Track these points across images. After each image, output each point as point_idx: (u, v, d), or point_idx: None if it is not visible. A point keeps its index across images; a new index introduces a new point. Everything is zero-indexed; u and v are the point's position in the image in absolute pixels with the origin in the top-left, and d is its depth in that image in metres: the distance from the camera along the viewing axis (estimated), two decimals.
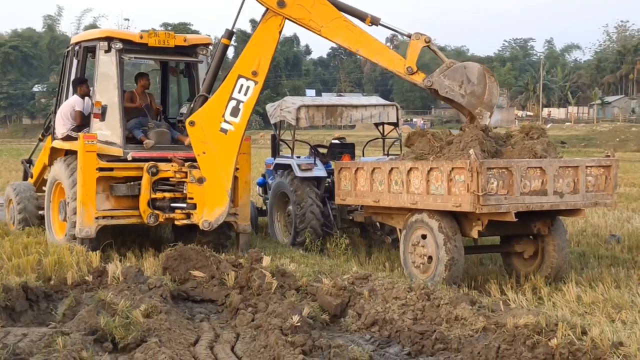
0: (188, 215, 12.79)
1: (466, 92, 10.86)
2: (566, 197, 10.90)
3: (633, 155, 56.15)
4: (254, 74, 11.35)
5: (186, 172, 12.69)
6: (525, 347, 7.44)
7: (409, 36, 11.07)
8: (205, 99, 12.13)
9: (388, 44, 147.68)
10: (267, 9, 11.47)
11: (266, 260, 10.57)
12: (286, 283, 9.99)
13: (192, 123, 11.94)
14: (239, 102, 11.54)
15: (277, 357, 7.27)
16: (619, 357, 7.15)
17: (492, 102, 10.96)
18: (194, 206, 12.65)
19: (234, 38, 12.34)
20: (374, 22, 11.08)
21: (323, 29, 10.87)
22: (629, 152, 59.89)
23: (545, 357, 7.27)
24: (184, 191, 12.81)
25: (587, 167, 11.12)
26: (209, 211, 12.38)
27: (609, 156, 11.55)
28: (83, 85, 13.91)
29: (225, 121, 11.68)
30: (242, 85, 11.47)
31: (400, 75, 11.29)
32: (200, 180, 12.40)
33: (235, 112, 11.58)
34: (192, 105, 12.44)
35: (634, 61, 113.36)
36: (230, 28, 11.79)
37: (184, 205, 12.82)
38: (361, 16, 11.00)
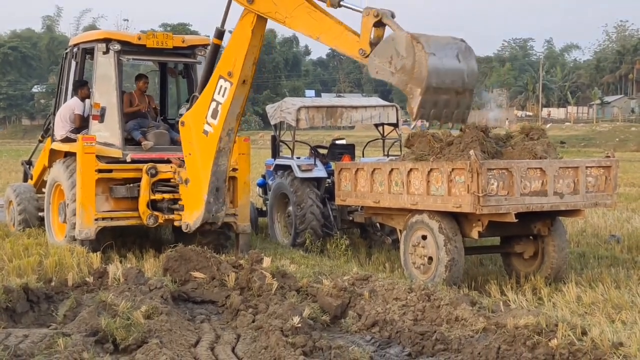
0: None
1: (396, 69, 8.89)
2: (566, 198, 10.91)
3: (633, 155, 56.16)
4: (230, 74, 10.97)
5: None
6: (526, 348, 7.45)
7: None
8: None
9: None
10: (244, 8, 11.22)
11: (266, 261, 10.56)
12: (286, 284, 9.98)
13: (182, 123, 11.88)
14: (218, 103, 11.26)
15: (277, 358, 7.27)
16: (619, 358, 7.16)
17: (422, 74, 8.68)
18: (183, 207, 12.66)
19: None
20: (333, 3, 9.79)
21: (287, 19, 10.13)
22: (629, 152, 59.90)
23: (545, 357, 7.28)
24: None
25: (587, 167, 11.14)
26: (189, 213, 12.32)
27: (609, 156, 11.56)
28: (84, 87, 13.90)
29: (207, 123, 11.46)
30: (221, 87, 11.16)
31: (357, 59, 9.75)
32: (186, 182, 12.38)
33: (214, 114, 11.30)
34: (188, 106, 12.37)
35: (634, 61, 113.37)
36: (220, 27, 11.58)
37: (177, 206, 12.83)
38: None
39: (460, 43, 9.08)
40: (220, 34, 11.50)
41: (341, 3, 9.60)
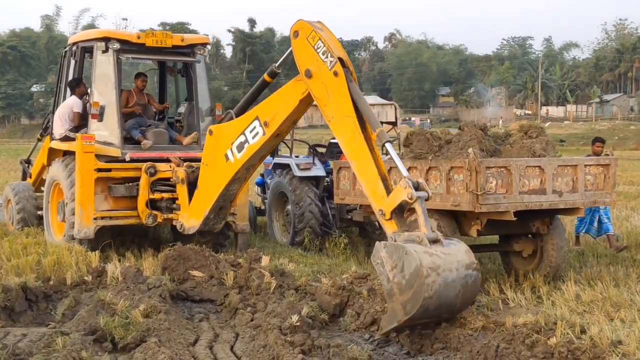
0: None
1: (393, 280, 8.07)
2: (565, 196, 10.90)
3: (632, 153, 56.20)
4: (266, 124, 10.69)
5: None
6: (525, 346, 7.45)
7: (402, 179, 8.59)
8: (230, 119, 11.68)
9: (386, 43, 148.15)
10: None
11: (265, 260, 10.56)
12: (285, 283, 9.99)
13: (210, 132, 11.76)
14: (246, 140, 11.10)
15: (276, 357, 7.28)
16: (617, 356, 7.16)
17: (409, 309, 7.88)
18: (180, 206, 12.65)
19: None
20: (379, 140, 9.18)
21: (333, 120, 9.62)
22: (628, 151, 59.96)
23: (544, 355, 7.28)
24: None
25: (585, 165, 11.14)
26: (188, 217, 12.28)
27: (607, 155, 11.56)
28: (80, 85, 13.89)
29: (231, 150, 11.38)
30: (254, 127, 10.96)
31: (375, 213, 9.09)
32: (182, 181, 12.37)
33: (240, 148, 11.15)
34: (223, 116, 12.17)
35: (633, 59, 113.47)
36: (275, 67, 11.26)
37: (176, 205, 12.82)
38: (372, 126, 9.20)
39: (470, 274, 8.22)
40: (273, 74, 11.25)
41: (385, 148, 8.98)
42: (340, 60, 9.47)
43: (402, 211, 8.61)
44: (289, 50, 10.61)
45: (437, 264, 7.97)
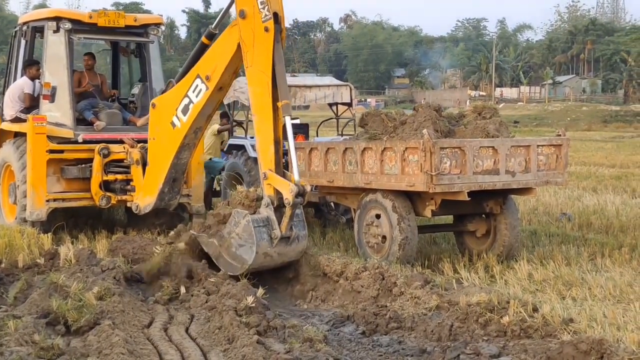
0: None
1: (228, 238, 9.65)
2: (518, 176, 11.01)
3: (584, 134, 56.88)
4: (207, 78, 10.77)
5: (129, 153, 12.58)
6: (478, 325, 7.54)
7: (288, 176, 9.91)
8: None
9: (342, 24, 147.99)
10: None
11: None
12: None
13: (153, 105, 11.73)
14: (190, 101, 11.10)
15: (231, 338, 7.26)
16: (569, 333, 7.26)
17: (218, 261, 9.72)
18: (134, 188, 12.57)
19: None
20: (283, 112, 9.79)
21: (250, 68, 9.99)
22: (580, 131, 60.63)
23: (497, 334, 7.37)
24: None
25: (538, 146, 11.25)
26: (142, 196, 12.22)
27: (560, 135, 11.69)
28: (32, 67, 13.65)
29: (177, 116, 11.36)
30: (196, 86, 10.98)
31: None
32: (137, 162, 12.30)
33: (185, 110, 11.16)
34: (164, 89, 12.14)
35: (585, 41, 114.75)
36: (212, 28, 11.14)
37: (130, 187, 12.72)
38: (281, 95, 9.83)
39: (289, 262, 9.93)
40: (210, 35, 11.20)
41: (285, 123, 9.71)
42: (275, 15, 9.56)
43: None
44: (224, 9, 10.76)
45: (264, 265, 9.49)
